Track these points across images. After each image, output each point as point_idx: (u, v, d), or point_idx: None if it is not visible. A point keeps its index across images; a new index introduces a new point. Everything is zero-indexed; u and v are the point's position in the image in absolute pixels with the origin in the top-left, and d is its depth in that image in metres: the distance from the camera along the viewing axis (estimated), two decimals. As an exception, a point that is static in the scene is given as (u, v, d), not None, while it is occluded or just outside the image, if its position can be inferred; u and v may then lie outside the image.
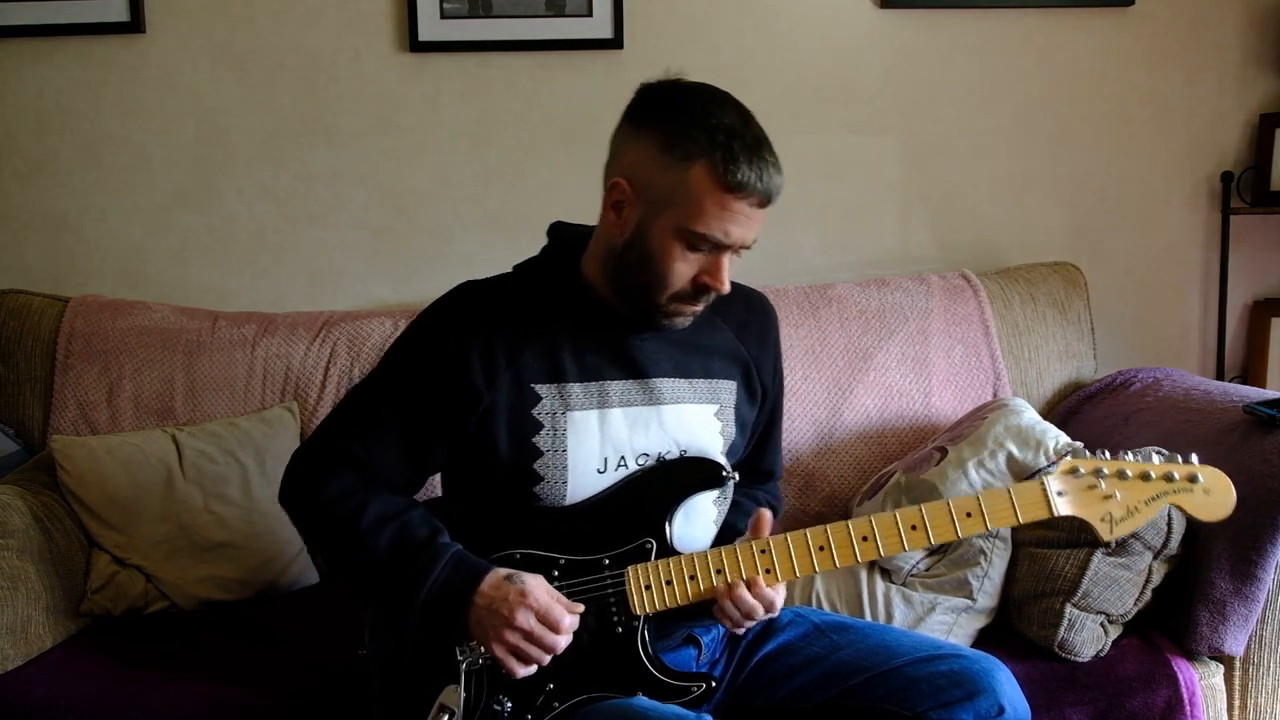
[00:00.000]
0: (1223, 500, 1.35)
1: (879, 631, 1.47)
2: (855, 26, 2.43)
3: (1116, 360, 2.47)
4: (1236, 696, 1.69)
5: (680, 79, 1.35)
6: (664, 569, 1.35)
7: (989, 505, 1.35)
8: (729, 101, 1.32)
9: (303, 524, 1.42)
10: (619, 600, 1.35)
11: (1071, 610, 1.65)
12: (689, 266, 1.32)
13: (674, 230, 1.30)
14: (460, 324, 1.38)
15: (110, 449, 1.95)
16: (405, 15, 2.34)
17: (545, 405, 1.37)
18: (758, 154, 1.27)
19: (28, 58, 2.32)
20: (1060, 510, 1.35)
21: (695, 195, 1.27)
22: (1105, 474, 1.35)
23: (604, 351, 1.40)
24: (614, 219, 1.34)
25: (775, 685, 1.44)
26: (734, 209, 1.28)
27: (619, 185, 1.33)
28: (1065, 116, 2.50)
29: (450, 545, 1.34)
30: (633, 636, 1.35)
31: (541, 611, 1.28)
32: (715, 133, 1.26)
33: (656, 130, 1.30)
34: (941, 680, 1.34)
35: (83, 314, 2.16)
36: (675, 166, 1.28)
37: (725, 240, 1.29)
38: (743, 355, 1.50)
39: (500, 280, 1.45)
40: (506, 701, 1.33)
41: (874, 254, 2.49)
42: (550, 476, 1.37)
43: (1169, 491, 1.35)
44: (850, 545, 1.35)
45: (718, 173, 1.26)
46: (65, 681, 1.64)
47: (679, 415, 1.42)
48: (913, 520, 1.35)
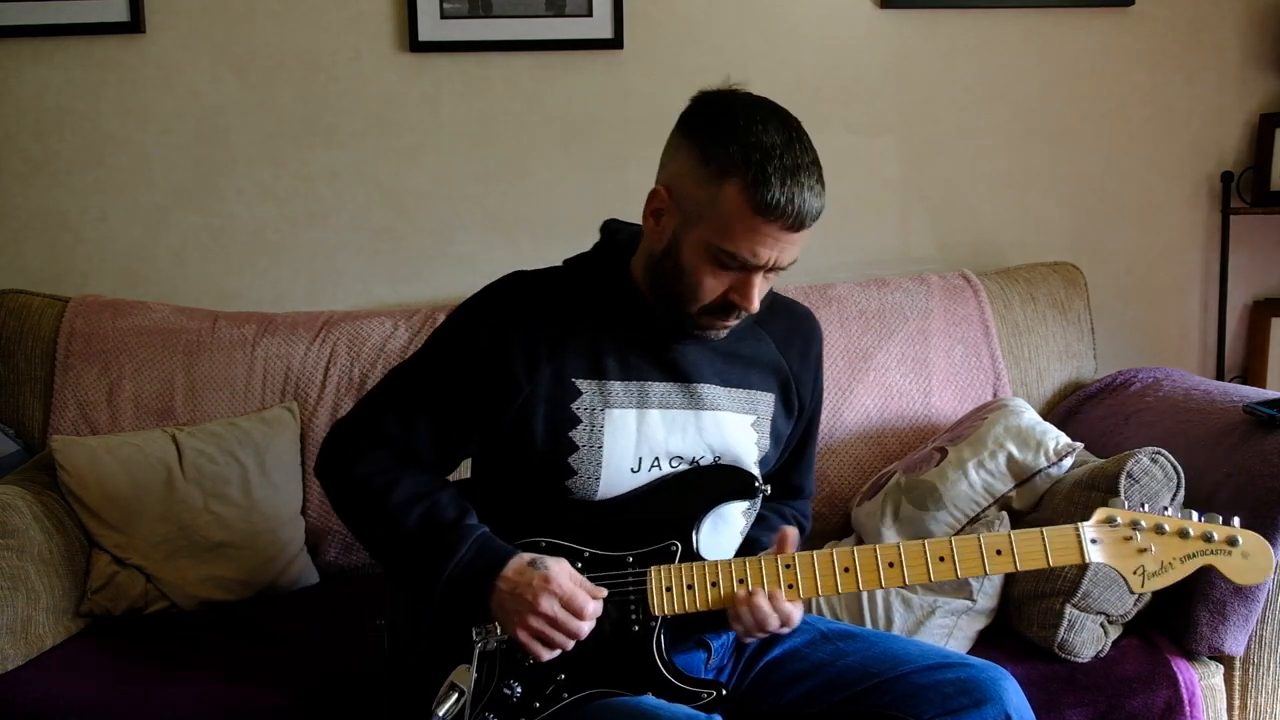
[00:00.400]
0: (1261, 565, 1.34)
1: (885, 639, 1.47)
2: (855, 26, 2.43)
3: (1116, 360, 2.47)
4: (1236, 696, 1.69)
5: (737, 89, 1.34)
6: (687, 573, 1.35)
7: (1020, 546, 1.34)
8: (778, 118, 1.29)
9: (335, 496, 1.42)
10: (639, 599, 1.35)
11: (1071, 611, 1.64)
12: (719, 282, 1.31)
13: (704, 245, 1.29)
14: (505, 312, 1.39)
15: (110, 449, 1.95)
16: (405, 15, 2.34)
17: (585, 400, 1.38)
18: (794, 177, 1.24)
19: (28, 58, 2.32)
20: (1093, 558, 1.34)
21: (725, 213, 1.26)
22: (1142, 526, 1.35)
23: (646, 353, 1.40)
24: (653, 226, 1.35)
25: (780, 691, 1.44)
26: (763, 231, 1.26)
27: (658, 193, 1.33)
28: (1065, 116, 2.50)
29: (477, 527, 1.34)
30: (649, 636, 1.35)
31: (565, 597, 1.28)
32: (752, 151, 1.24)
33: (698, 142, 1.29)
34: (948, 688, 1.34)
35: (83, 314, 2.15)
36: (710, 182, 1.27)
37: (754, 261, 1.28)
38: (783, 368, 1.49)
39: (549, 273, 1.45)
40: (517, 686, 1.34)
41: (874, 254, 2.49)
42: (584, 471, 1.37)
43: (1206, 551, 1.34)
44: (876, 570, 1.35)
45: (748, 193, 1.24)
46: (65, 681, 1.64)
47: (717, 421, 1.42)
48: (941, 552, 1.34)
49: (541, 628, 1.28)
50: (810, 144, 1.30)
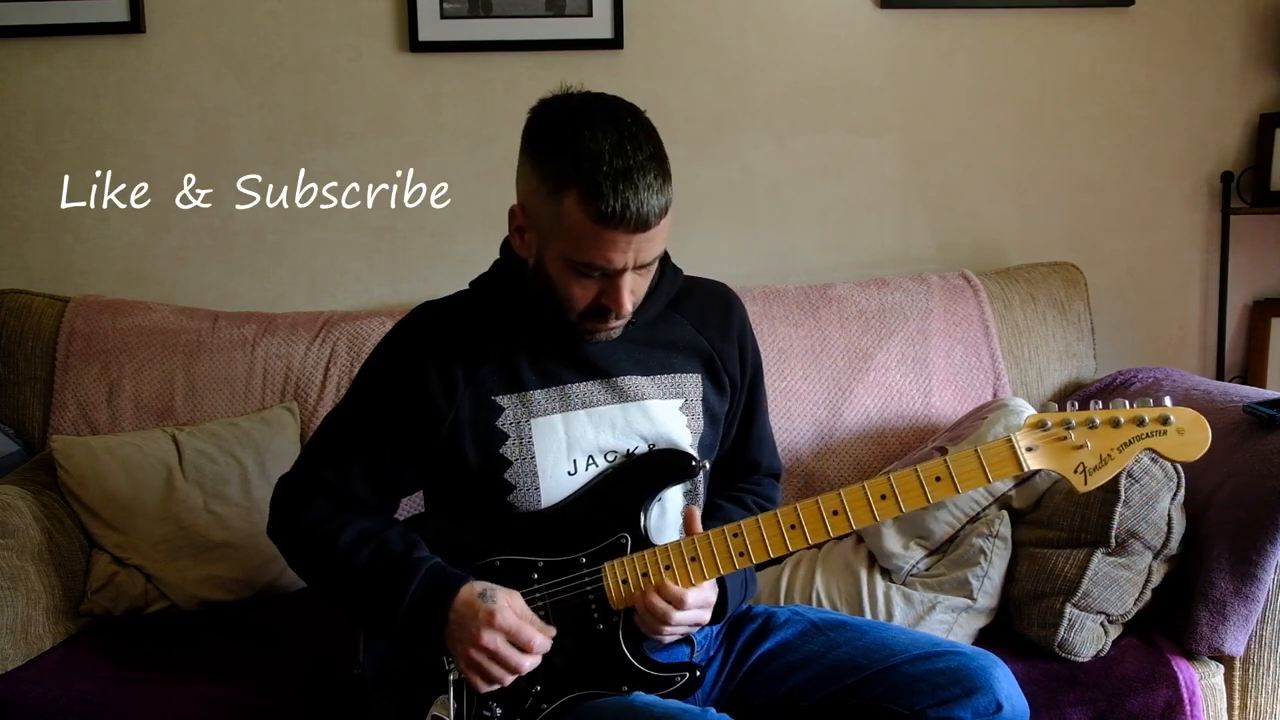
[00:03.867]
0: (1197, 439, 1.31)
1: (877, 629, 1.47)
2: (855, 26, 2.43)
3: (1116, 360, 2.47)
4: (1236, 696, 1.69)
5: (571, 92, 1.32)
6: (639, 562, 1.36)
7: (957, 467, 1.32)
8: (609, 118, 1.26)
9: (287, 551, 1.44)
10: (598, 597, 1.36)
11: (1071, 610, 1.65)
12: (587, 291, 1.31)
13: (562, 259, 1.29)
14: (416, 346, 1.40)
15: (110, 449, 1.95)
16: (405, 15, 2.34)
17: (508, 415, 1.39)
18: (626, 180, 1.22)
19: (28, 58, 2.32)
20: (1030, 465, 1.32)
21: (570, 227, 1.25)
22: (1074, 424, 1.33)
23: (561, 357, 1.41)
24: (519, 243, 1.36)
25: (773, 683, 1.44)
26: (608, 239, 1.25)
27: (514, 212, 1.34)
28: (1065, 116, 2.50)
29: (427, 559, 1.35)
30: (614, 632, 1.36)
31: (510, 631, 1.29)
32: (582, 160, 1.23)
33: (535, 158, 1.29)
34: (939, 678, 1.34)
35: (83, 314, 2.15)
36: (550, 198, 1.27)
37: (610, 267, 1.27)
38: (704, 348, 1.49)
39: (456, 298, 1.47)
40: (496, 708, 1.34)
41: (874, 254, 2.49)
42: (522, 484, 1.38)
43: (1141, 435, 1.32)
44: (821, 520, 1.34)
45: (584, 206, 1.23)
46: (65, 681, 1.64)
47: (644, 410, 1.42)
48: (881, 490, 1.33)
49: (480, 660, 1.29)
50: (646, 137, 1.26)
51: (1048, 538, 1.73)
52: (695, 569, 1.34)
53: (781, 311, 2.19)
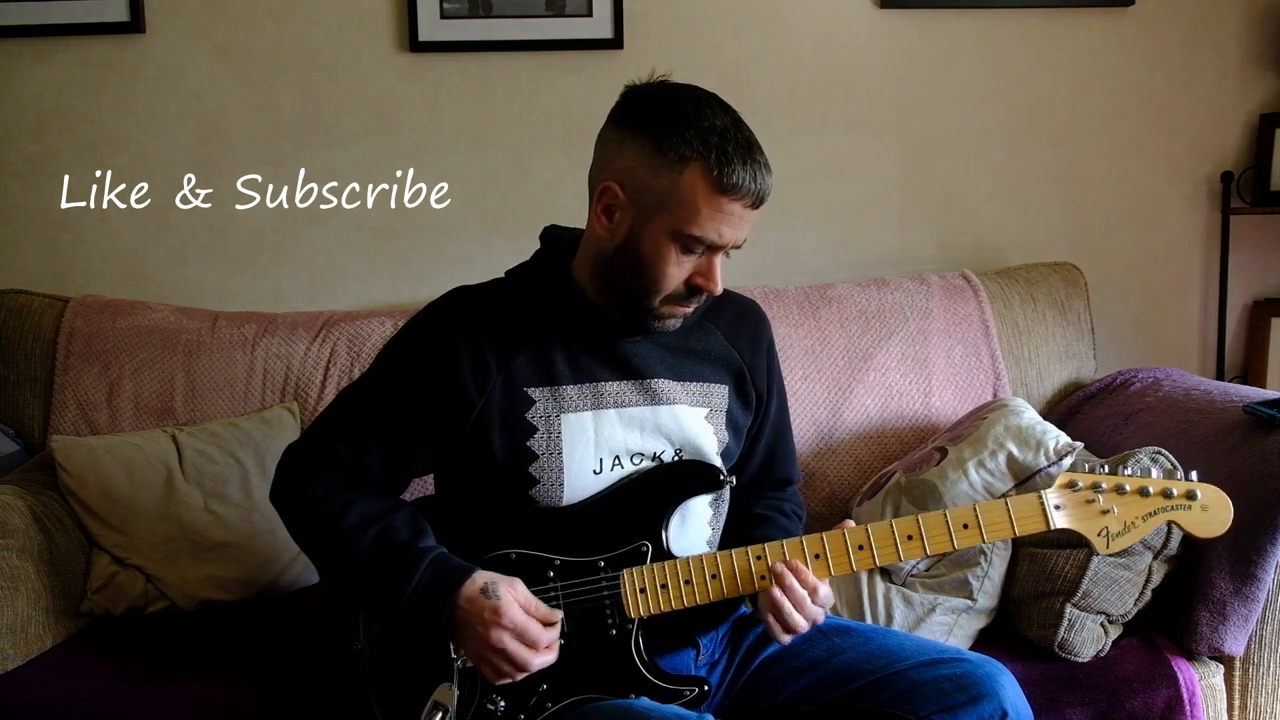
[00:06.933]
0: (1220, 518, 1.36)
1: (882, 635, 1.47)
2: (855, 26, 2.43)
3: (1116, 360, 2.47)
4: (1236, 696, 1.69)
5: (666, 80, 1.35)
6: (659, 572, 1.35)
7: (986, 517, 1.35)
8: (718, 103, 1.32)
9: (289, 520, 1.42)
10: (614, 602, 1.35)
11: (1071, 610, 1.65)
12: (681, 269, 1.32)
13: (668, 234, 1.30)
14: (451, 328, 1.38)
15: (110, 449, 1.95)
16: (405, 15, 2.34)
17: (539, 409, 1.37)
18: (750, 155, 1.28)
19: (28, 58, 2.32)
20: (1056, 524, 1.35)
21: (689, 198, 1.27)
22: (1103, 488, 1.36)
23: (597, 353, 1.40)
24: (605, 224, 1.34)
25: (777, 687, 1.44)
26: (728, 210, 1.28)
27: (610, 189, 1.32)
28: (1065, 116, 2.50)
29: (432, 549, 1.33)
30: (627, 639, 1.35)
31: (518, 629, 1.28)
32: (709, 134, 1.27)
33: (648, 133, 1.29)
34: (945, 684, 1.34)
35: (83, 314, 2.15)
36: (669, 170, 1.28)
37: (719, 241, 1.30)
38: (736, 360, 1.50)
39: (492, 285, 1.45)
40: (500, 701, 1.33)
41: (874, 254, 2.50)
42: (546, 479, 1.37)
43: (1166, 508, 1.36)
44: (846, 554, 1.35)
45: (712, 175, 1.26)
46: (65, 681, 1.64)
47: (674, 415, 1.42)
48: (909, 530, 1.35)
49: (491, 658, 1.29)
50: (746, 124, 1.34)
51: (1047, 538, 1.73)
52: (715, 586, 1.34)
53: (781, 311, 2.19)
